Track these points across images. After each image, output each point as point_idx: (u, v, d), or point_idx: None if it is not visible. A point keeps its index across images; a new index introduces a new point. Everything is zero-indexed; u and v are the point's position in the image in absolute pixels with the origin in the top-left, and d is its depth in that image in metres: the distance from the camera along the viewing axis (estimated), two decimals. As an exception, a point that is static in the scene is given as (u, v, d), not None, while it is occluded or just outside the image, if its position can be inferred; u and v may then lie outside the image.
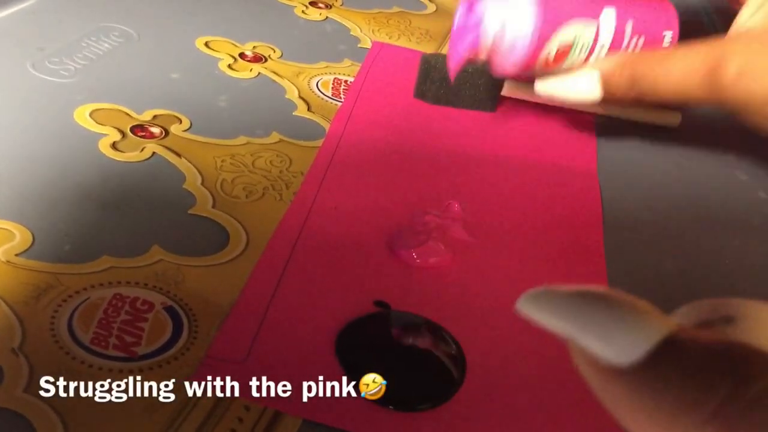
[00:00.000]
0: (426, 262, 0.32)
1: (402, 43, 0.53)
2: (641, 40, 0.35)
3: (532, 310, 0.15)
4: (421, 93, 0.45)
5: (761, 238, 0.39)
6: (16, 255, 0.29)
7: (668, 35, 0.36)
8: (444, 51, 0.52)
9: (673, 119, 0.47)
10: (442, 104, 0.45)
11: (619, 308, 0.14)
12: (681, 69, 0.34)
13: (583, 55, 0.35)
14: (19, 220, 0.30)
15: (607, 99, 0.36)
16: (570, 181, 0.40)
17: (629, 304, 0.14)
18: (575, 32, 0.34)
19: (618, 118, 0.47)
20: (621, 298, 0.15)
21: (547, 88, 0.37)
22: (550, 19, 0.33)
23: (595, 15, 0.34)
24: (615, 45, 0.35)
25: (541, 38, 0.33)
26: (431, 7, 0.60)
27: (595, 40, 0.34)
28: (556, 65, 0.35)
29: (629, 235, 0.37)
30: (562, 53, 0.34)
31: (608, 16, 0.34)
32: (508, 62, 0.34)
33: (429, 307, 0.30)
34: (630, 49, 0.36)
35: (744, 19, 0.34)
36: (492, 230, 0.35)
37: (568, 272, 0.34)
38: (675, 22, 0.36)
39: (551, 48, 0.34)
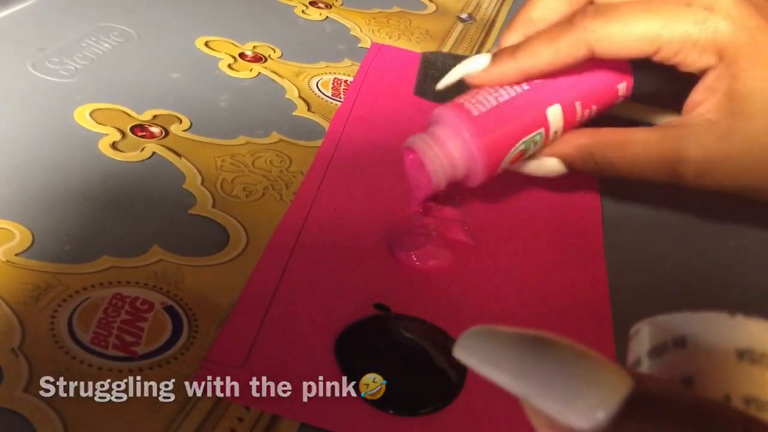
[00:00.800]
0: (426, 264, 0.32)
1: (402, 42, 0.53)
2: (594, 109, 0.35)
3: (471, 358, 0.14)
4: (421, 91, 0.45)
5: (761, 238, 0.39)
6: (16, 255, 0.29)
7: (622, 87, 0.35)
8: (445, 50, 0.52)
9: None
10: (442, 102, 0.45)
11: (572, 360, 0.13)
12: (641, 162, 0.33)
13: (540, 147, 0.34)
14: (19, 220, 0.30)
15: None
16: (569, 181, 0.40)
17: (580, 353, 0.13)
18: (525, 144, 0.33)
19: (618, 118, 0.47)
20: (570, 346, 0.13)
21: (512, 168, 0.36)
22: (495, 150, 0.32)
23: (541, 121, 0.33)
24: (567, 125, 0.34)
25: (494, 163, 0.33)
26: (431, 7, 0.60)
27: (546, 135, 0.33)
28: (517, 163, 0.35)
29: (629, 235, 0.37)
30: (517, 157, 0.34)
31: (554, 114, 0.33)
32: (469, 186, 0.34)
33: (429, 310, 0.30)
34: (585, 120, 0.35)
35: (695, 100, 0.33)
36: (491, 232, 0.36)
37: (568, 273, 0.34)
38: (628, 71, 0.35)
39: (506, 161, 0.33)
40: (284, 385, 0.26)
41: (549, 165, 0.35)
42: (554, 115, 0.33)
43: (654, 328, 0.15)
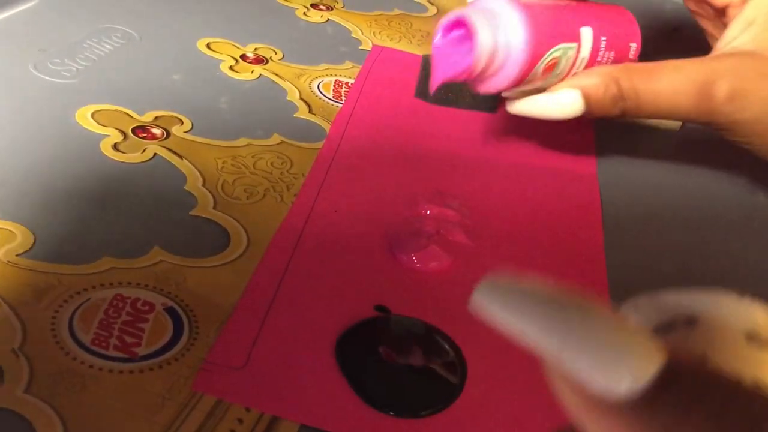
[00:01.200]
0: (426, 266, 0.32)
1: (403, 45, 0.53)
2: (612, 54, 0.36)
3: (495, 305, 0.13)
4: (422, 93, 0.46)
5: (761, 241, 0.39)
6: (17, 255, 0.29)
7: (633, 47, 0.37)
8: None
9: (674, 123, 0.47)
10: (443, 104, 0.45)
11: (607, 325, 0.12)
12: (669, 87, 0.33)
13: (566, 70, 0.35)
14: (21, 221, 0.30)
15: (589, 115, 0.35)
16: (570, 183, 0.40)
17: (616, 319, 0.12)
18: (560, 51, 0.34)
19: (618, 121, 0.47)
20: (605, 311, 0.13)
21: (524, 108, 0.36)
22: (539, 41, 0.33)
23: (575, 35, 0.34)
24: (591, 61, 0.36)
25: (533, 60, 0.33)
26: (432, 10, 0.60)
27: (576, 56, 0.35)
28: (543, 79, 0.35)
29: (629, 237, 0.37)
30: (548, 68, 0.34)
31: (586, 35, 0.35)
32: (495, 84, 0.34)
33: (429, 312, 0.30)
34: (604, 63, 0.36)
35: (731, 35, 0.34)
36: (492, 233, 0.36)
37: (569, 274, 0.34)
38: (638, 34, 0.37)
39: (540, 66, 0.34)
40: (284, 387, 0.26)
41: (567, 99, 0.34)
42: (586, 36, 0.34)
43: (658, 305, 0.15)
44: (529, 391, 0.27)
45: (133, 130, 0.38)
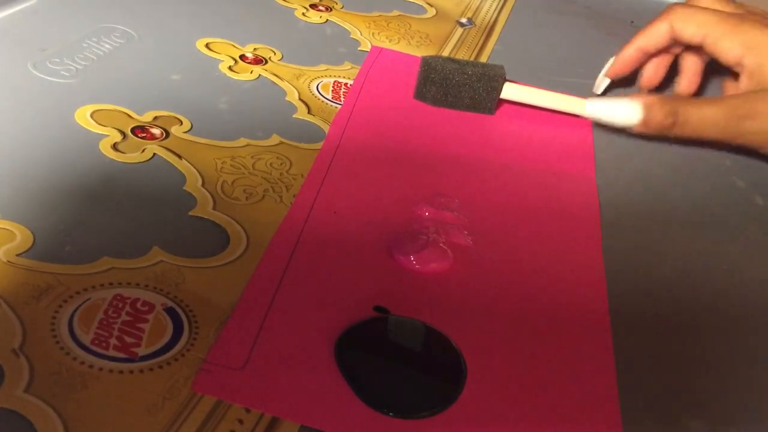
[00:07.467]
0: (425, 267, 0.32)
1: (402, 46, 0.53)
2: None
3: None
4: (421, 94, 0.46)
5: (758, 244, 0.39)
6: (17, 255, 0.29)
7: None
8: (444, 54, 0.53)
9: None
10: (442, 106, 0.46)
11: None
12: (713, 111, 0.42)
13: None
14: (20, 221, 0.30)
15: (641, 128, 0.44)
16: (568, 185, 0.41)
17: None
18: None
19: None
20: None
21: (595, 109, 0.45)
22: None
23: None
24: None
25: None
26: (431, 11, 0.60)
27: None
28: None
29: (627, 239, 0.37)
30: None
31: None
32: None
33: (428, 312, 0.30)
34: None
35: None
36: (491, 234, 0.36)
37: (567, 276, 0.34)
38: None
39: None
40: (284, 387, 0.26)
41: (629, 110, 0.44)
42: None
43: None
44: (528, 393, 0.28)
45: (133, 130, 0.38)
